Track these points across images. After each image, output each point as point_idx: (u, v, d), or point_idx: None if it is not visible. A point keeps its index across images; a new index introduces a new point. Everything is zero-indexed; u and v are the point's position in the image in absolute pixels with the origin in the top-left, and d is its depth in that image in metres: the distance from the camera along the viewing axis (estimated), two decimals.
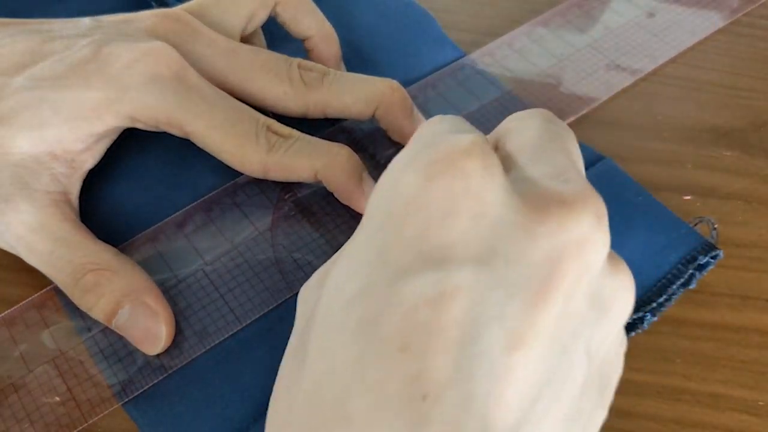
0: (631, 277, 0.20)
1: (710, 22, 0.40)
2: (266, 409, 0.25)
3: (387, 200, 0.18)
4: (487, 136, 0.23)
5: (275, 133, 0.30)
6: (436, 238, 0.17)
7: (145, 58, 0.28)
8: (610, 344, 0.20)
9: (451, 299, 0.16)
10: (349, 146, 0.30)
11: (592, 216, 0.18)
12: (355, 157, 0.30)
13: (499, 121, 0.33)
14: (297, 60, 0.32)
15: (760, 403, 0.27)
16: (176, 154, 0.33)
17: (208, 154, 0.31)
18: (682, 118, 0.36)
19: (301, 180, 0.30)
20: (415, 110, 0.33)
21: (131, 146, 0.32)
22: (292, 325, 0.27)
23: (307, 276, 0.28)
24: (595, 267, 0.18)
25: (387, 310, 0.17)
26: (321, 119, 0.33)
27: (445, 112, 0.34)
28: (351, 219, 0.30)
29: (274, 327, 0.28)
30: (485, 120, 0.34)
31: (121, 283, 0.27)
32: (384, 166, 0.21)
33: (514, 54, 0.37)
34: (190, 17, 0.31)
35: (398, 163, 0.19)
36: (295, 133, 0.30)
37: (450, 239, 0.17)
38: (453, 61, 0.37)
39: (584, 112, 0.36)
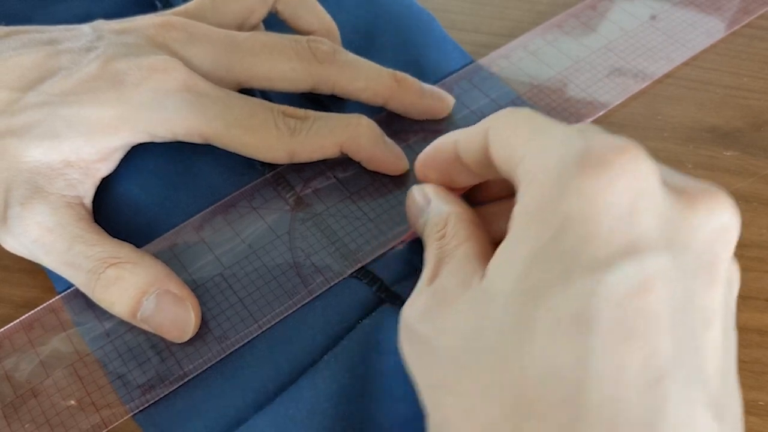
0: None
1: (717, 28, 0.40)
2: (267, 400, 0.26)
3: (562, 203, 0.19)
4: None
5: (292, 116, 0.30)
6: (626, 233, 0.18)
7: (153, 75, 0.29)
8: None
9: (653, 286, 0.18)
10: None
11: (730, 206, 0.20)
12: (374, 123, 0.31)
13: None
14: (304, 37, 0.33)
15: (761, 403, 0.27)
16: (177, 154, 0.33)
17: (209, 152, 0.31)
18: (682, 118, 0.37)
19: (326, 157, 0.31)
20: (425, 87, 0.34)
21: (132, 149, 0.32)
22: (294, 322, 0.28)
23: (327, 281, 0.29)
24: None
25: (599, 303, 0.18)
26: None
27: (461, 115, 0.34)
28: (368, 222, 0.30)
29: (277, 323, 0.28)
30: None
31: (143, 274, 0.27)
32: None
33: (529, 56, 0.37)
34: (184, 21, 0.32)
35: (556, 162, 0.19)
36: (311, 113, 0.31)
37: (638, 233, 0.18)
38: (455, 62, 0.37)
39: (599, 115, 0.36)
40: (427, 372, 0.21)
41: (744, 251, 0.32)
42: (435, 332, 0.21)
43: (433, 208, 0.26)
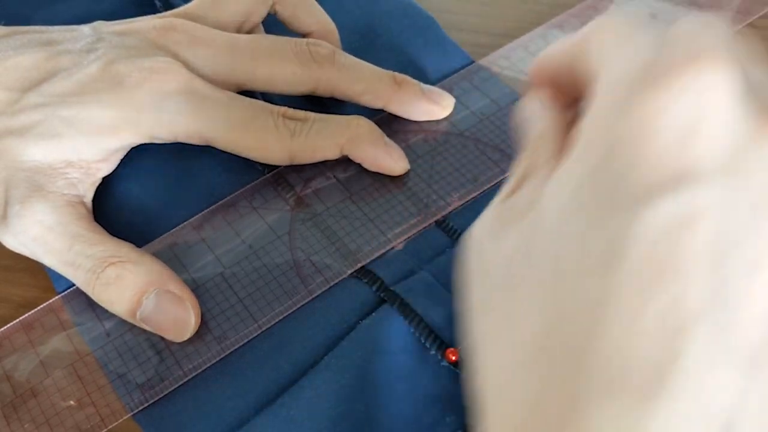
0: None
1: None
2: (268, 402, 0.26)
3: (617, 124, 0.17)
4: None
5: (292, 118, 0.30)
6: (679, 158, 0.16)
7: (153, 76, 0.29)
8: None
9: (699, 220, 0.16)
10: None
11: None
12: (374, 125, 0.32)
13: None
14: (304, 39, 0.33)
15: None
16: (177, 153, 0.33)
17: (208, 151, 0.31)
18: None
19: (327, 158, 0.31)
20: (425, 88, 0.34)
21: (132, 149, 0.32)
22: (295, 323, 0.28)
23: (327, 281, 0.29)
24: None
25: (632, 240, 0.16)
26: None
27: (462, 116, 0.34)
28: (368, 222, 0.30)
29: (277, 324, 0.28)
30: (501, 123, 0.34)
31: (143, 273, 0.27)
32: None
33: (529, 57, 0.37)
34: (186, 23, 0.32)
35: (619, 81, 0.18)
36: (311, 114, 0.31)
37: (693, 158, 0.16)
38: (455, 62, 0.37)
39: None
40: (479, 286, 0.21)
41: None
42: (493, 249, 0.20)
43: (537, 120, 0.24)
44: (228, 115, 0.30)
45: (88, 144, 0.28)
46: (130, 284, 0.27)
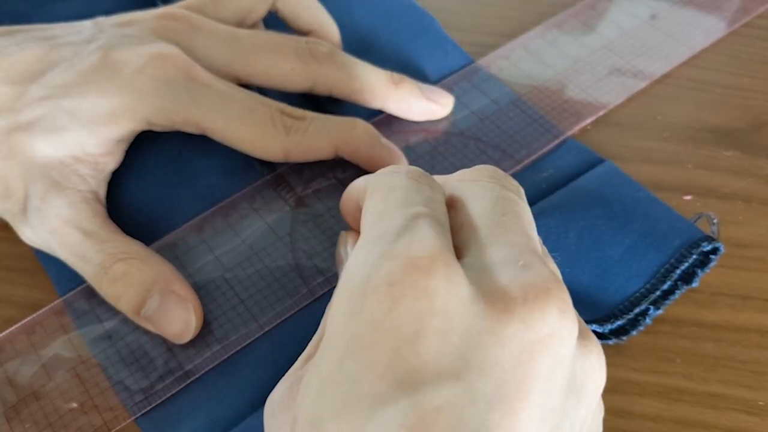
0: (599, 347, 0.20)
1: (717, 27, 0.40)
2: (264, 400, 0.25)
3: (351, 324, 0.18)
4: (439, 179, 0.23)
5: (289, 115, 0.30)
6: (407, 361, 0.16)
7: (154, 62, 0.29)
8: (591, 418, 0.20)
9: (432, 422, 0.16)
10: None
11: (556, 310, 0.17)
12: (370, 126, 0.31)
13: (514, 125, 0.34)
14: (304, 38, 0.33)
15: (760, 403, 0.27)
16: (176, 152, 0.33)
17: (208, 152, 0.31)
18: (682, 118, 0.37)
19: (321, 158, 0.31)
20: (424, 88, 0.34)
21: (132, 149, 0.32)
22: (294, 323, 0.28)
23: (329, 282, 0.29)
24: (566, 358, 0.18)
25: None
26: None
27: (462, 116, 0.34)
28: None
29: (278, 325, 0.28)
30: (501, 123, 0.34)
31: (150, 271, 0.27)
32: None
33: (529, 56, 0.37)
34: (188, 13, 0.32)
35: (355, 277, 0.18)
36: (308, 113, 0.31)
37: (421, 361, 0.16)
38: (455, 62, 0.37)
39: (599, 115, 0.36)
40: None
41: (744, 251, 0.32)
42: (281, 418, 0.20)
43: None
44: (226, 106, 0.29)
45: (89, 135, 0.28)
46: (136, 281, 0.27)
